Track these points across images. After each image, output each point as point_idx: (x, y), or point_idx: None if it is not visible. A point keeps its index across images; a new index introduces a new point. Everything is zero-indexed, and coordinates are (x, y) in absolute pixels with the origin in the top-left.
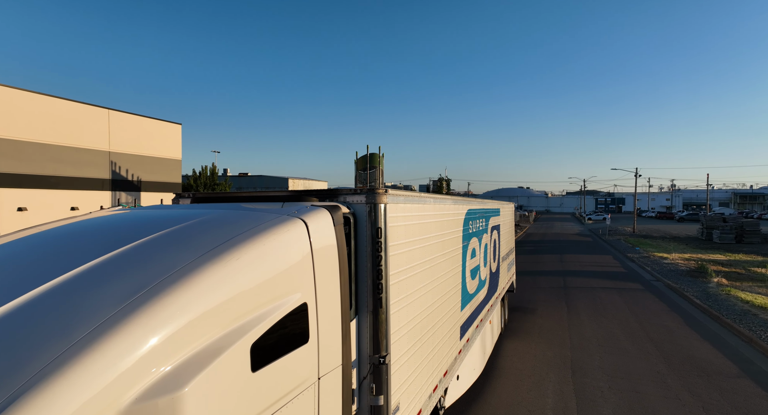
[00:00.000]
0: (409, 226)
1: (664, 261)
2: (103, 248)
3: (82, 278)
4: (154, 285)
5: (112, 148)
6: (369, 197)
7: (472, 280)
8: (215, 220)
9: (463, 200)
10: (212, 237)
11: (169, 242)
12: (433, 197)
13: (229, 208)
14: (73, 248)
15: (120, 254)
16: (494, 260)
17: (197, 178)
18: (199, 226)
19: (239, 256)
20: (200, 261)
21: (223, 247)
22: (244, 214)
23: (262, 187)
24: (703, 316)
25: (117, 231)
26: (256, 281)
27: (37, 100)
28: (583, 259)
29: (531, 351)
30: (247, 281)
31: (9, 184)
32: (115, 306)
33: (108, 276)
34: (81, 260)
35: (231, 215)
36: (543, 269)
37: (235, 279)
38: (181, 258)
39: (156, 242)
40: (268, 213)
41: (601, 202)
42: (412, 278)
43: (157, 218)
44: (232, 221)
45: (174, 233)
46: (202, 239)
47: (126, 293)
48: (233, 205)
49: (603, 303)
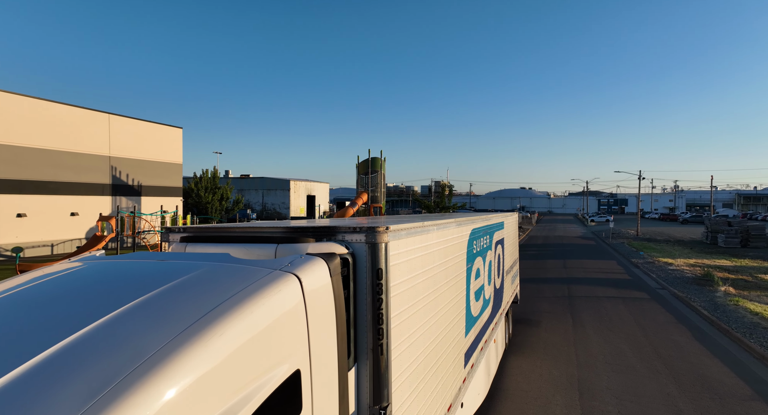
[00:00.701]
0: (412, 260)
1: (669, 267)
2: (61, 330)
3: (23, 381)
4: (120, 381)
5: (112, 153)
6: (369, 236)
7: (476, 301)
8: (198, 281)
9: (467, 220)
10: (194, 307)
11: (142, 315)
12: (436, 224)
13: (215, 259)
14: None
15: (82, 338)
16: (498, 275)
17: (198, 182)
18: (179, 290)
19: (223, 331)
20: (178, 342)
21: (206, 320)
22: (232, 270)
23: (264, 190)
24: (712, 328)
25: (83, 300)
26: (243, 358)
27: (36, 105)
28: (587, 265)
29: (536, 370)
30: (232, 360)
31: (8, 191)
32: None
33: (63, 373)
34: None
35: (217, 271)
36: (547, 276)
37: (217, 360)
38: (155, 339)
39: (127, 316)
40: (258, 269)
41: (604, 204)
42: (416, 315)
43: (132, 276)
44: (217, 281)
45: (149, 303)
46: (182, 309)
47: (83, 397)
48: (222, 256)
49: (609, 315)
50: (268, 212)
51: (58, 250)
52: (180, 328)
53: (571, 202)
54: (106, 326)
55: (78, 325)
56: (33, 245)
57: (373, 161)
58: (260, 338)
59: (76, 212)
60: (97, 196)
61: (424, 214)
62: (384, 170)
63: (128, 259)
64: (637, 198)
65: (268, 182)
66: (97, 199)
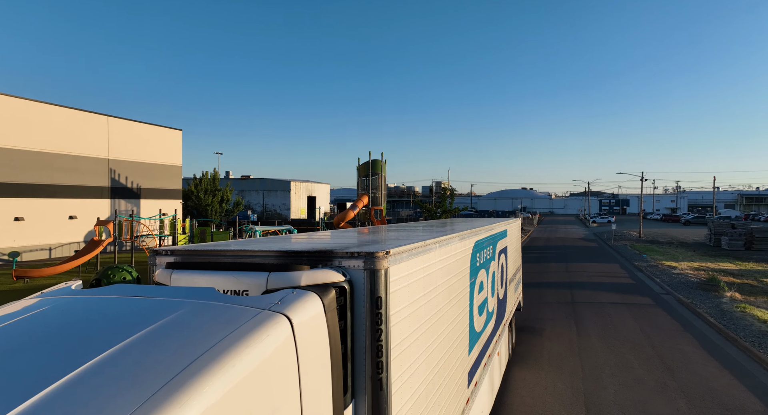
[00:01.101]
0: (414, 283)
1: (673, 271)
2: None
3: None
4: None
5: (111, 156)
6: (368, 262)
7: (480, 316)
8: (177, 326)
9: (470, 233)
10: (170, 361)
11: (109, 374)
12: (439, 241)
13: (199, 296)
14: None
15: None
16: (502, 285)
17: (198, 184)
18: (155, 339)
19: (202, 391)
20: (147, 408)
21: (182, 378)
22: (215, 311)
23: (264, 191)
24: (719, 337)
25: (41, 354)
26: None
27: (33, 107)
28: (590, 268)
29: (541, 382)
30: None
31: (5, 194)
32: None
33: None
34: None
35: (199, 313)
36: (549, 281)
37: None
38: (121, 405)
39: (91, 375)
40: (245, 308)
41: (605, 204)
42: (417, 341)
43: (102, 320)
44: (198, 326)
45: (118, 357)
46: (156, 365)
47: None
48: (207, 292)
49: (613, 322)
50: (268, 213)
51: (56, 253)
52: (152, 389)
53: (572, 203)
54: (63, 389)
55: (28, 391)
56: (31, 248)
57: (374, 164)
58: (245, 392)
59: (75, 215)
60: (96, 200)
61: (425, 221)
62: (384, 173)
63: (103, 294)
64: (640, 200)
65: (268, 183)
66: (95, 203)
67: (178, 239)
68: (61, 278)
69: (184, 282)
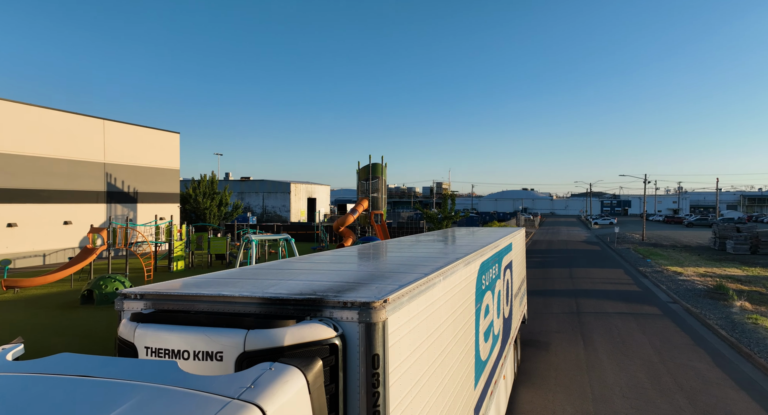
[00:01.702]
0: (415, 328)
1: (678, 277)
2: None
3: None
4: None
5: (107, 160)
6: (363, 314)
7: (486, 342)
8: None
9: (475, 255)
10: None
11: None
12: (443, 273)
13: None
14: None
15: None
16: (507, 303)
17: (196, 188)
18: None
19: None
20: None
21: None
22: (173, 401)
23: (264, 192)
24: (732, 352)
25: None
26: None
27: (28, 111)
28: (594, 274)
29: (549, 406)
30: None
31: (1, 200)
32: None
33: None
34: None
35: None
36: (553, 288)
37: None
38: None
39: None
40: (209, 397)
41: (607, 205)
42: (420, 394)
43: None
44: None
45: None
46: None
47: None
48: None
49: (621, 335)
50: (268, 215)
51: (50, 260)
52: None
53: (573, 204)
54: None
55: None
56: (24, 255)
57: (374, 167)
58: None
59: (70, 220)
60: (92, 204)
61: (426, 235)
62: (385, 176)
63: (39, 371)
64: (643, 202)
65: (268, 185)
66: (91, 207)
67: (174, 246)
68: (53, 287)
69: (150, 340)
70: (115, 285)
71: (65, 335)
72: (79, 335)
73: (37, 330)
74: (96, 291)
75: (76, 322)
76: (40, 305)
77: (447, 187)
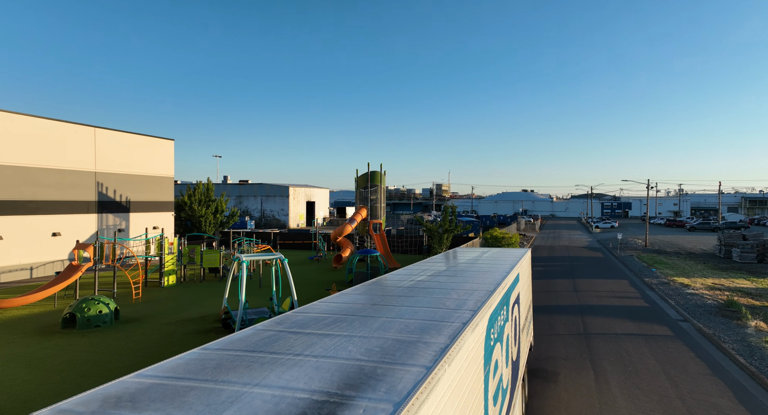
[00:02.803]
0: None
1: (686, 290)
2: None
3: None
4: None
5: (98, 169)
6: None
7: (495, 406)
8: None
9: (483, 310)
10: None
11: None
12: (448, 358)
13: None
14: None
15: None
16: (515, 343)
17: (192, 195)
18: None
19: None
20: None
21: None
22: None
23: (263, 196)
24: (754, 384)
25: None
26: None
27: (13, 120)
28: (599, 286)
29: None
30: None
31: None
32: None
33: None
34: None
35: None
36: (557, 303)
37: None
38: None
39: None
40: None
41: (608, 207)
42: None
43: None
44: None
45: None
46: None
47: None
48: None
49: (633, 362)
50: (266, 219)
51: (37, 273)
52: None
53: (574, 206)
54: None
55: None
56: (10, 269)
57: (373, 175)
58: None
59: (59, 232)
60: (82, 215)
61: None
62: (384, 184)
63: None
64: (646, 207)
65: (267, 189)
66: (81, 218)
67: (165, 260)
68: (35, 307)
69: None
70: (98, 308)
71: (38, 369)
72: (54, 369)
73: (7, 362)
74: (78, 314)
75: (53, 351)
76: (17, 330)
77: (447, 188)
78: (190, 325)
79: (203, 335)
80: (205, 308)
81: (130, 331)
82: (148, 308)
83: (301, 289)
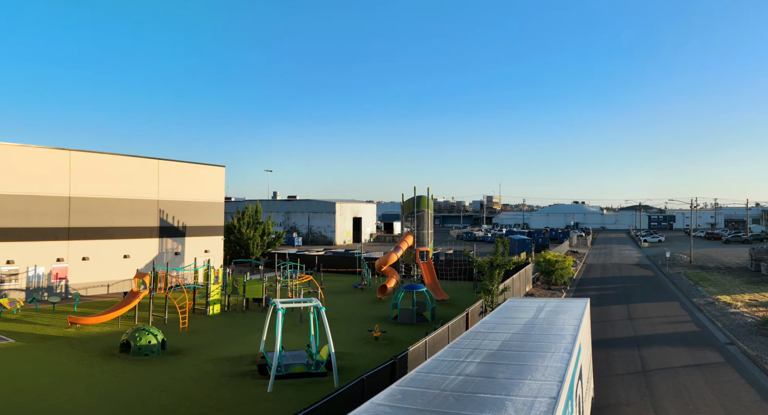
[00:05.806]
0: None
1: (729, 309)
2: None
3: None
4: None
5: (160, 197)
6: None
7: None
8: None
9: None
10: None
11: None
12: None
13: None
14: None
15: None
16: (578, 405)
17: (240, 219)
18: None
19: None
20: None
21: None
22: None
23: (310, 212)
24: None
25: None
26: None
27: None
28: (651, 311)
29: None
30: None
31: (77, 237)
32: None
33: None
34: None
35: None
36: (613, 336)
37: None
38: None
39: None
40: None
41: (654, 220)
42: None
43: None
44: None
45: None
46: None
47: None
48: None
49: (693, 399)
50: (313, 236)
51: (112, 289)
52: None
53: (623, 219)
54: None
55: None
56: (93, 285)
57: (419, 200)
58: None
59: (129, 254)
60: (147, 239)
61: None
62: (431, 210)
63: None
64: (691, 223)
65: (314, 205)
66: (146, 242)
67: (211, 291)
68: (104, 326)
69: None
70: (148, 338)
71: (93, 394)
72: (105, 395)
73: (75, 380)
74: (132, 343)
75: (110, 375)
76: (86, 348)
77: (497, 201)
78: (227, 365)
79: (238, 379)
80: (243, 345)
81: (173, 365)
82: (192, 339)
83: (343, 326)
